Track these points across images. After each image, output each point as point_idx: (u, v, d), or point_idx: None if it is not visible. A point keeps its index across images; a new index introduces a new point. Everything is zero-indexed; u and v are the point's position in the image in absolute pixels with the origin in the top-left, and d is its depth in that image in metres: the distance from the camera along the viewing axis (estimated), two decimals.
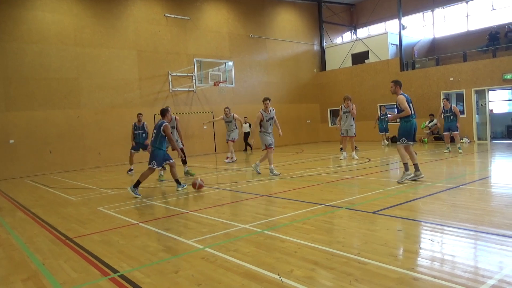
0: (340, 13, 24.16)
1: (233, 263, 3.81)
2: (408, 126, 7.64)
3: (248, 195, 7.37)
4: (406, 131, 7.65)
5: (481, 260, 3.60)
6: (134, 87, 16.48)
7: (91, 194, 8.72)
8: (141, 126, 12.21)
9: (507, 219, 4.76)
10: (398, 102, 7.66)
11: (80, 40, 15.21)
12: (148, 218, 5.95)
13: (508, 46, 16.88)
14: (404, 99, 7.59)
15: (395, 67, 19.37)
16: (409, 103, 7.63)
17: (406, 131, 7.65)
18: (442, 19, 20.84)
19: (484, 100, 16.61)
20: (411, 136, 7.67)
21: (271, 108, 9.94)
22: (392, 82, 7.90)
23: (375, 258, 3.69)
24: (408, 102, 7.60)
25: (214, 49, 18.74)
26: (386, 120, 16.00)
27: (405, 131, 7.66)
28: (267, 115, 9.86)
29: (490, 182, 7.66)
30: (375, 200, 6.21)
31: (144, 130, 12.27)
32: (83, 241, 4.94)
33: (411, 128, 7.64)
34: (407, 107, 7.53)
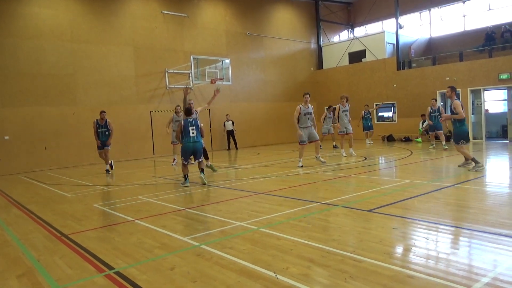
0: (337, 11, 24.16)
1: (229, 260, 3.82)
2: (463, 129, 8.58)
3: (244, 193, 7.37)
4: (463, 134, 8.57)
5: (475, 259, 3.62)
6: (130, 84, 16.42)
7: (86, 191, 8.70)
8: (104, 124, 11.77)
9: (501, 218, 4.80)
10: (454, 106, 8.46)
11: (76, 36, 15.12)
12: (143, 215, 5.94)
13: (504, 46, 16.96)
14: (459, 104, 8.43)
15: (392, 66, 19.42)
16: (462, 108, 8.43)
17: (463, 134, 8.57)
18: (439, 18, 20.90)
19: (480, 99, 16.69)
20: (468, 137, 8.72)
21: (311, 106, 10.56)
22: (449, 88, 8.78)
23: (370, 255, 3.71)
24: (461, 107, 8.41)
25: (211, 47, 18.70)
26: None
27: (462, 134, 8.57)
28: (305, 110, 10.38)
29: (485, 181, 7.70)
30: (371, 199, 6.23)
31: (108, 128, 11.80)
32: (78, 238, 4.92)
33: (466, 131, 8.64)
34: (461, 111, 8.34)
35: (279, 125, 20.83)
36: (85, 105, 15.27)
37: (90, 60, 15.40)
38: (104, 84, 15.71)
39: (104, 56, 15.74)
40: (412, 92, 18.53)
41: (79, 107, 15.14)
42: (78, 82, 15.13)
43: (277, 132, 20.77)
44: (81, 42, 15.23)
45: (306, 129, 10.46)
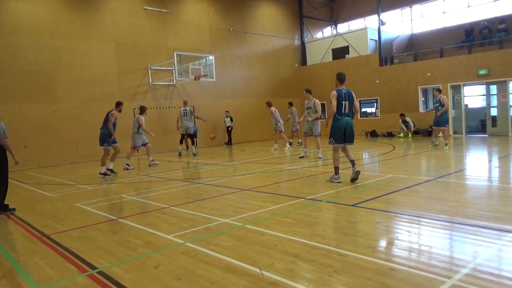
0: (321, 8, 24.27)
1: (213, 257, 3.81)
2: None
3: (229, 189, 7.36)
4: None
5: (455, 250, 3.70)
6: (112, 80, 16.16)
7: (68, 190, 8.54)
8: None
9: (480, 210, 4.92)
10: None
11: (56, 32, 14.78)
12: (127, 214, 5.87)
13: (483, 42, 17.34)
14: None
15: (375, 62, 19.63)
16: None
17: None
18: (420, 15, 21.21)
19: (460, 95, 17.04)
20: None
21: (314, 100, 11.10)
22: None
23: (354, 249, 3.75)
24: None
25: (194, 43, 18.54)
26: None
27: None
28: (306, 105, 11.27)
29: (465, 175, 7.88)
30: (354, 193, 6.30)
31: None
32: (60, 238, 4.84)
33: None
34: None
35: (264, 121, 20.81)
36: (66, 103, 14.97)
37: (70, 57, 15.08)
38: (86, 81, 15.42)
39: (85, 53, 15.44)
40: (394, 88, 18.79)
41: (60, 105, 14.82)
42: (58, 79, 14.81)
43: (262, 129, 20.77)
44: (61, 39, 14.90)
45: (308, 122, 11.18)
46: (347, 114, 7.25)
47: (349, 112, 7.27)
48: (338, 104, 7.15)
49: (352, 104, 7.32)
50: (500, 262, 3.37)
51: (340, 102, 7.18)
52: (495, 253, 3.55)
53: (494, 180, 7.42)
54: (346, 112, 7.24)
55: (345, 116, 7.22)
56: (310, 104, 11.18)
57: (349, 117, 7.25)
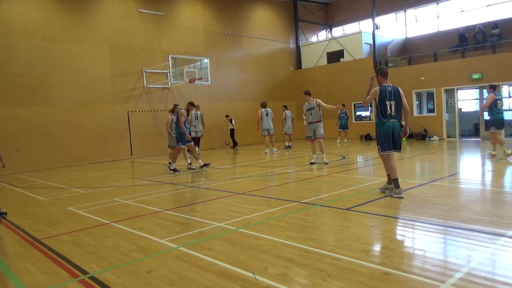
0: (316, 11, 24.37)
1: (207, 261, 3.78)
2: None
3: (224, 193, 7.33)
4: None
5: (449, 254, 3.70)
6: (106, 83, 16.08)
7: (60, 194, 8.46)
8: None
9: (473, 214, 4.93)
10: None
11: (49, 35, 14.69)
12: (120, 218, 5.82)
13: (476, 47, 17.48)
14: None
15: (369, 66, 19.71)
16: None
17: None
18: (414, 19, 21.36)
19: (453, 99, 17.15)
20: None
21: (315, 100, 10.58)
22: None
23: (348, 254, 3.74)
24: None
25: (189, 46, 18.52)
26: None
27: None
28: (307, 106, 10.69)
29: (459, 178, 7.91)
30: (349, 197, 6.29)
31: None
32: (51, 242, 4.78)
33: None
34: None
35: None
36: (59, 106, 14.86)
37: (64, 59, 14.99)
38: (79, 84, 15.33)
39: (79, 55, 15.35)
40: None
41: (53, 108, 14.72)
42: (51, 82, 14.70)
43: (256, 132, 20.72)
44: (54, 41, 14.81)
45: (311, 125, 10.55)
46: (393, 116, 6.03)
47: (396, 114, 6.05)
48: (382, 104, 6.00)
49: (400, 104, 6.08)
50: (493, 266, 3.37)
51: (384, 102, 5.99)
52: (489, 257, 3.55)
53: (487, 184, 7.45)
54: (392, 114, 6.02)
55: (391, 118, 6.02)
56: (312, 105, 10.53)
57: (395, 120, 6.06)
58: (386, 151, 6.10)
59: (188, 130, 15.05)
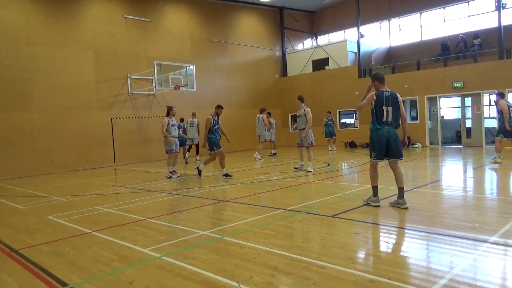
0: (301, 20, 24.61)
1: (191, 271, 3.70)
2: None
3: (209, 201, 7.26)
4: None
5: (433, 261, 3.71)
6: (90, 89, 15.86)
7: (41, 202, 8.25)
8: (217, 120, 10.70)
9: (456, 220, 4.98)
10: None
11: (32, 39, 14.44)
12: (102, 227, 5.69)
13: (458, 56, 17.90)
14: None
15: (354, 74, 19.95)
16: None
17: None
18: (398, 28, 21.76)
19: (436, 107, 17.47)
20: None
21: (304, 108, 10.59)
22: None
23: (333, 261, 3.72)
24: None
25: (175, 52, 18.45)
26: None
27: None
28: (298, 112, 10.82)
29: (441, 185, 8.01)
30: (334, 204, 6.30)
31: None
32: (30, 253, 4.63)
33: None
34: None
35: (244, 131, 20.80)
36: (42, 111, 14.57)
37: (47, 64, 14.73)
38: (62, 89, 15.07)
39: (63, 60, 15.12)
40: None
41: (35, 114, 14.42)
42: (34, 87, 14.42)
43: (242, 139, 20.71)
44: (38, 45, 14.56)
45: (299, 132, 10.67)
46: (389, 122, 5.78)
47: (393, 121, 5.79)
48: (378, 109, 5.75)
49: (398, 110, 5.82)
50: (476, 272, 3.40)
51: (380, 108, 5.74)
52: (472, 263, 3.58)
53: (469, 191, 7.57)
54: (389, 121, 5.77)
55: (387, 125, 5.77)
56: (300, 113, 10.60)
57: (392, 126, 5.80)
58: (378, 159, 5.88)
59: (184, 138, 15.19)
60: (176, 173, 11.03)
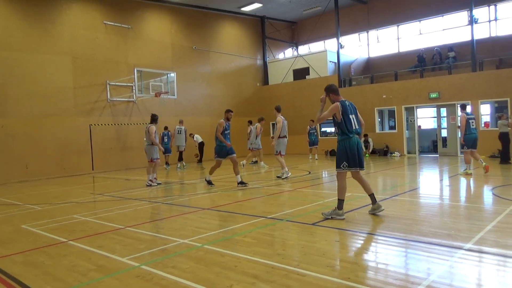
0: (282, 29, 24.89)
1: (170, 280, 3.65)
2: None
3: (189, 209, 7.19)
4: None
5: (411, 268, 3.78)
6: (68, 95, 15.55)
7: (14, 211, 7.99)
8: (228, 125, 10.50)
9: (433, 228, 5.09)
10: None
11: (7, 44, 14.08)
12: (78, 235, 5.55)
13: (433, 68, 18.45)
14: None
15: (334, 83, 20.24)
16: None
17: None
18: (376, 40, 22.28)
19: (413, 116, 17.90)
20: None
21: (277, 117, 10.94)
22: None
23: (313, 269, 3.74)
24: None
25: (156, 60, 18.32)
26: None
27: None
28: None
29: (419, 193, 8.19)
30: (315, 212, 6.34)
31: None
32: (2, 263, 4.46)
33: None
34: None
35: None
36: (16, 117, 14.17)
37: (23, 70, 14.38)
38: (39, 95, 14.72)
39: (39, 66, 14.79)
40: None
41: (9, 120, 14.01)
42: (8, 93, 14.03)
43: None
44: (13, 50, 14.21)
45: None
46: (357, 131, 5.83)
47: (358, 129, 5.87)
48: (346, 119, 5.73)
49: (358, 118, 5.95)
50: (452, 278, 3.47)
51: (348, 116, 5.76)
52: (448, 269, 3.66)
53: (446, 199, 7.76)
54: (356, 129, 5.82)
55: (356, 133, 5.81)
56: (275, 122, 11.08)
57: (358, 135, 5.86)
58: (353, 168, 5.76)
59: (168, 146, 15.19)
60: (156, 181, 10.92)
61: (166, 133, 15.63)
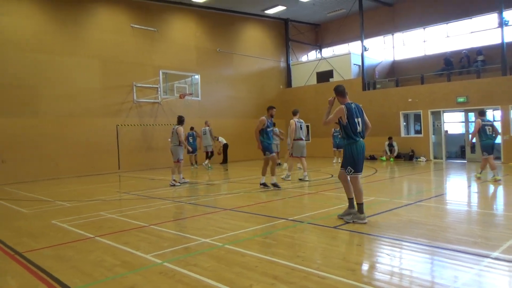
0: (306, 32, 24.83)
1: (192, 278, 3.73)
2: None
3: (211, 209, 7.28)
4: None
5: (435, 275, 3.72)
6: (96, 96, 16.02)
7: (45, 207, 8.30)
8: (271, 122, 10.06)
9: (459, 235, 4.98)
10: None
11: (40, 47, 14.66)
12: (105, 232, 5.72)
13: (461, 71, 17.97)
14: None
15: (358, 87, 20.04)
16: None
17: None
18: (402, 43, 21.90)
19: (440, 121, 17.48)
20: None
21: (293, 120, 10.84)
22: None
23: (333, 272, 3.73)
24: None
25: (180, 62, 18.62)
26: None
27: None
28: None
29: (445, 199, 8.00)
30: (336, 215, 6.30)
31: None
32: (33, 256, 4.66)
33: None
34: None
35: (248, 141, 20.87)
36: (47, 117, 14.72)
37: (54, 72, 14.93)
38: (68, 96, 15.24)
39: (69, 68, 15.32)
40: (376, 112, 19.13)
41: (41, 119, 14.56)
42: (41, 94, 14.59)
43: (246, 149, 20.77)
44: (45, 53, 14.77)
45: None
46: (362, 134, 5.75)
47: (363, 132, 5.78)
48: (351, 122, 5.66)
49: (364, 120, 5.82)
50: (478, 287, 3.40)
51: (353, 120, 5.67)
52: (474, 278, 3.58)
53: (473, 205, 7.56)
54: (361, 132, 5.74)
55: (361, 137, 5.73)
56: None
57: (363, 139, 5.77)
58: (358, 173, 5.73)
59: (194, 146, 15.62)
60: (184, 179, 11.23)
61: (192, 134, 16.13)
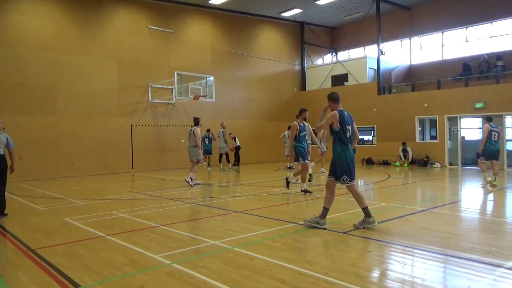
0: (322, 35, 24.73)
1: (199, 279, 3.74)
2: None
3: (222, 211, 7.30)
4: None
5: (448, 284, 3.64)
6: (112, 96, 16.26)
7: (59, 204, 8.45)
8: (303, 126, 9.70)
9: (472, 243, 4.87)
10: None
11: (59, 47, 14.97)
12: (116, 231, 5.79)
13: (479, 76, 17.62)
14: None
15: (373, 91, 19.85)
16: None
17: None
18: (419, 47, 21.61)
19: (456, 127, 17.16)
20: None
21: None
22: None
23: (342, 278, 3.69)
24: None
25: (196, 63, 18.77)
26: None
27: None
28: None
29: (460, 207, 7.85)
30: (347, 220, 6.24)
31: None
32: (45, 253, 4.75)
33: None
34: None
35: (262, 143, 20.91)
36: (65, 116, 15.00)
37: (71, 71, 15.22)
38: (85, 95, 15.51)
39: (87, 68, 15.59)
40: (391, 117, 18.93)
41: (58, 118, 14.85)
42: (58, 93, 14.89)
43: (259, 151, 20.80)
44: (64, 53, 15.07)
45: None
46: (351, 142, 5.76)
47: (351, 140, 5.81)
48: (343, 129, 5.62)
49: (353, 129, 5.84)
50: None
51: (345, 127, 5.63)
52: (487, 287, 3.50)
53: (488, 214, 7.39)
54: (350, 140, 5.76)
55: (350, 144, 5.73)
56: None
57: (350, 146, 5.76)
58: (353, 181, 5.69)
59: (209, 147, 15.82)
60: (196, 181, 11.25)
61: (207, 136, 16.24)
